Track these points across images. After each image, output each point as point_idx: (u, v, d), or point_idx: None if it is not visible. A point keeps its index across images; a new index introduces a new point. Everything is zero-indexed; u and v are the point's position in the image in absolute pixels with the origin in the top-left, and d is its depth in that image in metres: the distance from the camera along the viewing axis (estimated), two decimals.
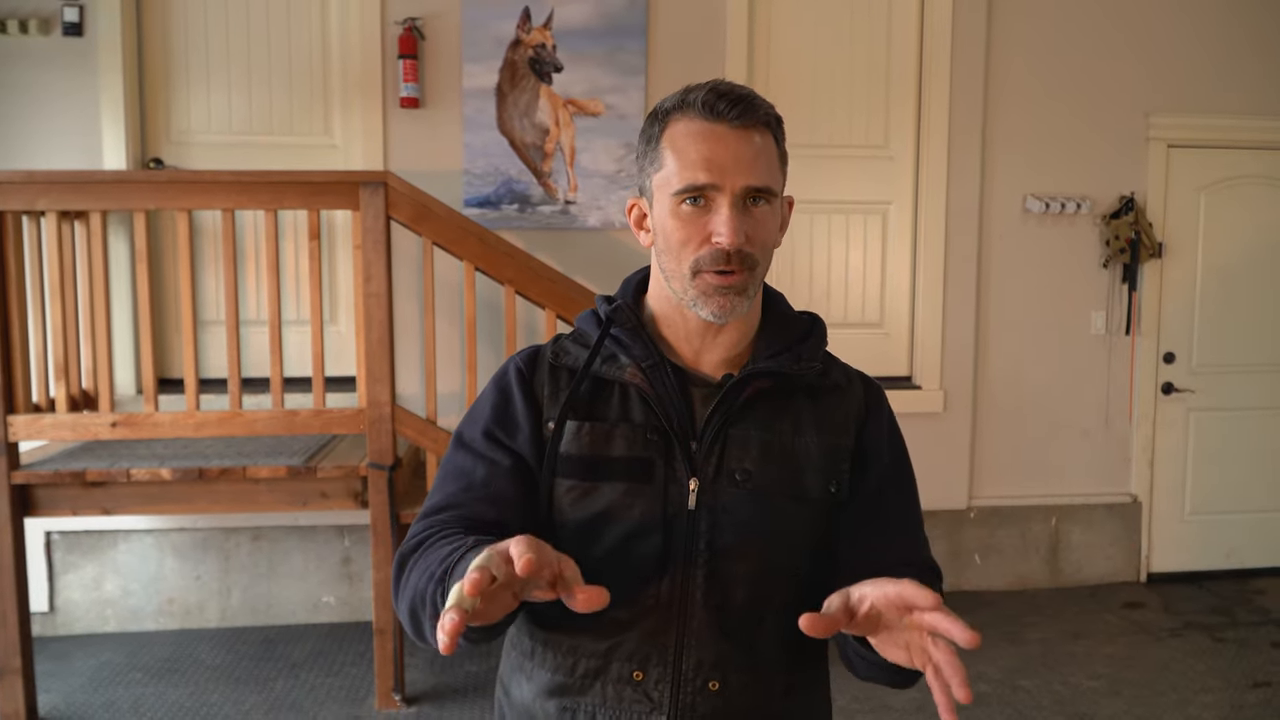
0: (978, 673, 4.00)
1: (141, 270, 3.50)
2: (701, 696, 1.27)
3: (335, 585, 4.48)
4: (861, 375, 1.44)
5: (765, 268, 1.31)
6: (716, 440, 1.29)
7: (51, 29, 4.14)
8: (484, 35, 4.36)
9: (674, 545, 1.28)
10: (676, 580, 1.28)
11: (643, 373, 1.31)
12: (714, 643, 1.28)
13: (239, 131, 4.40)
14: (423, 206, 3.55)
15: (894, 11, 4.71)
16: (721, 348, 1.35)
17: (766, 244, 1.29)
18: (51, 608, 4.34)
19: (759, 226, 1.27)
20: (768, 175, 1.26)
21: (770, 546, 1.30)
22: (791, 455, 1.31)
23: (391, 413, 3.56)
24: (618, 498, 1.28)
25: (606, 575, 1.22)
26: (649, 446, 1.30)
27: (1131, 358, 4.94)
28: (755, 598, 1.29)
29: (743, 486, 1.29)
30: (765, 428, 1.31)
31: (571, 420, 1.31)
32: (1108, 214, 4.83)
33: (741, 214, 1.25)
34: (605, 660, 1.29)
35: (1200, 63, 4.85)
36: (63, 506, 3.54)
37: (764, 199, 1.27)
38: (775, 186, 1.28)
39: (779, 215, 1.32)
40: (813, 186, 4.70)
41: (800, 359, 1.34)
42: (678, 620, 1.28)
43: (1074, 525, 4.98)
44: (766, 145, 1.27)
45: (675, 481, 1.29)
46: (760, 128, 1.27)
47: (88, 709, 3.67)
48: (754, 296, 1.31)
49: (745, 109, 1.25)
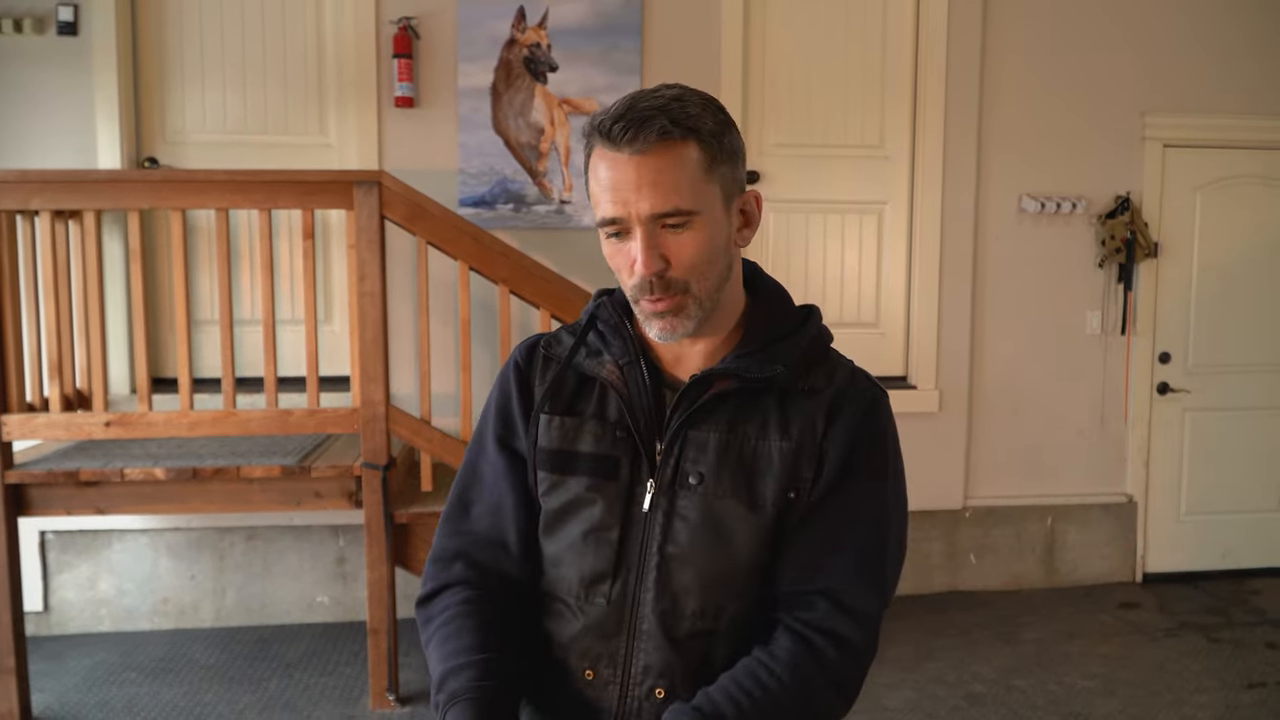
0: (973, 672, 4.00)
1: (135, 269, 3.50)
2: (648, 703, 1.27)
3: (329, 585, 4.47)
4: (853, 377, 1.34)
5: (709, 284, 1.25)
6: (675, 441, 1.28)
7: (46, 28, 4.13)
8: (479, 34, 4.35)
9: (629, 546, 1.28)
10: (629, 582, 1.28)
11: (619, 370, 1.31)
12: (661, 649, 1.26)
13: (234, 131, 4.39)
14: (417, 206, 3.55)
15: (889, 10, 4.71)
16: (699, 352, 1.32)
17: (694, 264, 1.23)
18: (46, 607, 4.34)
19: (681, 249, 1.22)
20: (675, 197, 1.19)
21: (720, 554, 1.26)
22: (751, 460, 1.27)
23: (386, 412, 3.55)
24: (581, 493, 1.30)
25: (568, 568, 1.30)
26: (617, 444, 1.30)
27: (1127, 357, 4.94)
28: (706, 607, 1.26)
29: (695, 490, 1.27)
30: (728, 430, 1.28)
31: (546, 414, 1.34)
32: (1103, 214, 4.83)
33: (655, 241, 1.21)
34: (565, 653, 1.32)
35: (1196, 62, 4.85)
36: (56, 506, 3.53)
37: (679, 222, 1.21)
38: (688, 205, 1.20)
39: (710, 231, 1.23)
40: (808, 186, 4.70)
41: (768, 361, 1.28)
42: (628, 623, 1.27)
43: (1069, 525, 4.98)
44: (675, 162, 1.19)
45: (639, 482, 1.29)
46: (663, 146, 1.19)
47: (82, 709, 3.66)
48: (701, 314, 1.26)
49: (639, 130, 1.18)
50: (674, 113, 1.20)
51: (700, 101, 1.23)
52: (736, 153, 1.26)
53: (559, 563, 1.32)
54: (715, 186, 1.23)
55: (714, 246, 1.24)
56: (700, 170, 1.21)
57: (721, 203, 1.25)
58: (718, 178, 1.23)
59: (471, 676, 1.23)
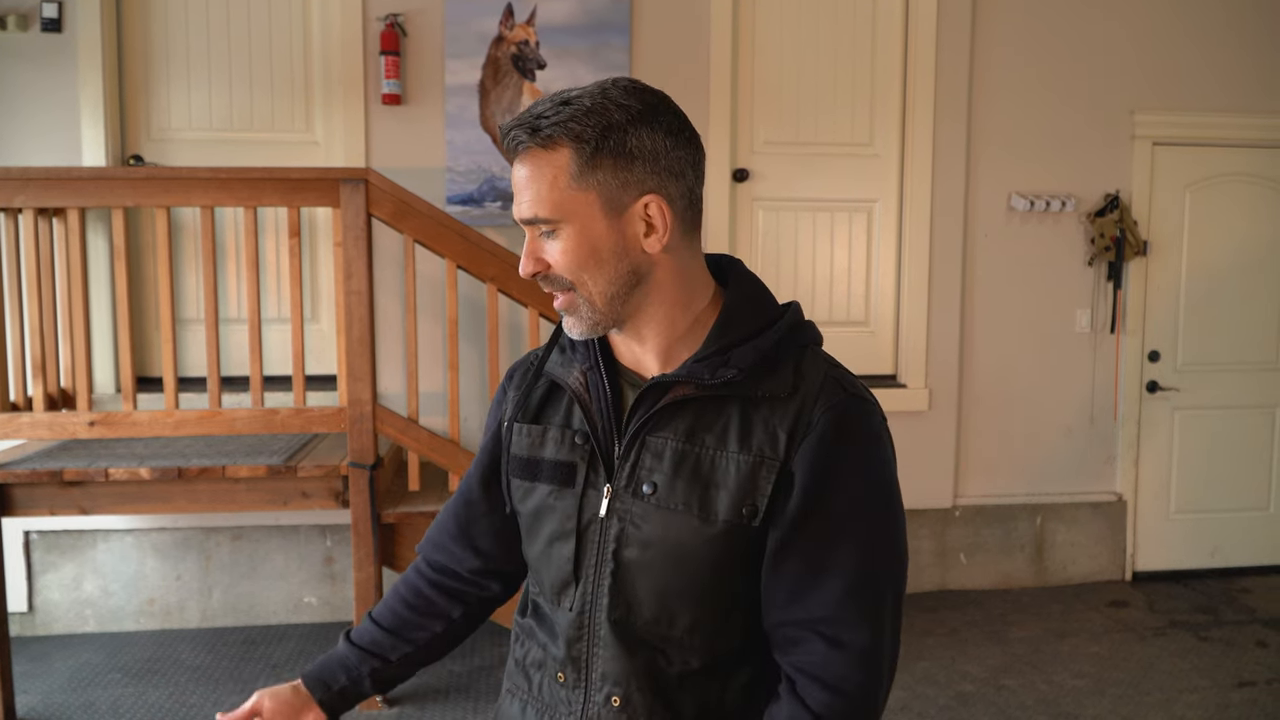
0: (962, 672, 3.99)
1: (120, 268, 3.47)
2: (606, 709, 1.26)
3: (317, 585, 4.45)
4: (825, 383, 1.23)
5: (602, 288, 1.22)
6: (632, 447, 1.25)
7: (30, 25, 4.10)
8: (466, 31, 4.33)
9: (586, 552, 1.28)
10: (588, 589, 1.27)
11: (583, 376, 1.31)
12: (617, 658, 1.25)
13: (219, 128, 4.37)
14: (404, 203, 3.52)
15: (878, 8, 4.70)
16: (652, 352, 1.28)
17: (570, 266, 1.20)
18: (30, 608, 4.30)
19: (553, 255, 1.22)
20: (536, 206, 1.19)
21: (674, 566, 1.22)
22: (707, 471, 1.22)
23: (373, 411, 3.53)
24: (545, 499, 1.32)
25: (544, 573, 1.34)
26: (574, 450, 1.30)
27: (1116, 356, 4.94)
28: (660, 617, 1.24)
29: (649, 500, 1.23)
30: (686, 437, 1.23)
31: (519, 422, 1.37)
32: (1093, 212, 4.83)
33: (536, 245, 1.23)
34: (544, 655, 1.34)
35: (1186, 60, 4.85)
36: (40, 506, 3.51)
37: (547, 230, 1.20)
38: (546, 214, 1.19)
39: (582, 239, 1.19)
40: (797, 184, 4.70)
41: (724, 364, 1.21)
42: (588, 629, 1.27)
43: (1059, 524, 4.98)
44: (538, 171, 1.18)
45: (595, 487, 1.28)
46: (536, 151, 1.18)
47: (66, 710, 3.64)
48: (597, 315, 1.23)
49: (516, 136, 1.19)
50: (548, 119, 1.17)
51: (596, 104, 1.18)
52: (634, 156, 1.19)
53: (537, 568, 1.35)
54: (591, 194, 1.18)
55: (592, 253, 1.20)
56: (568, 178, 1.18)
57: (601, 209, 1.19)
58: (594, 184, 1.18)
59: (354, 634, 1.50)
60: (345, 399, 3.53)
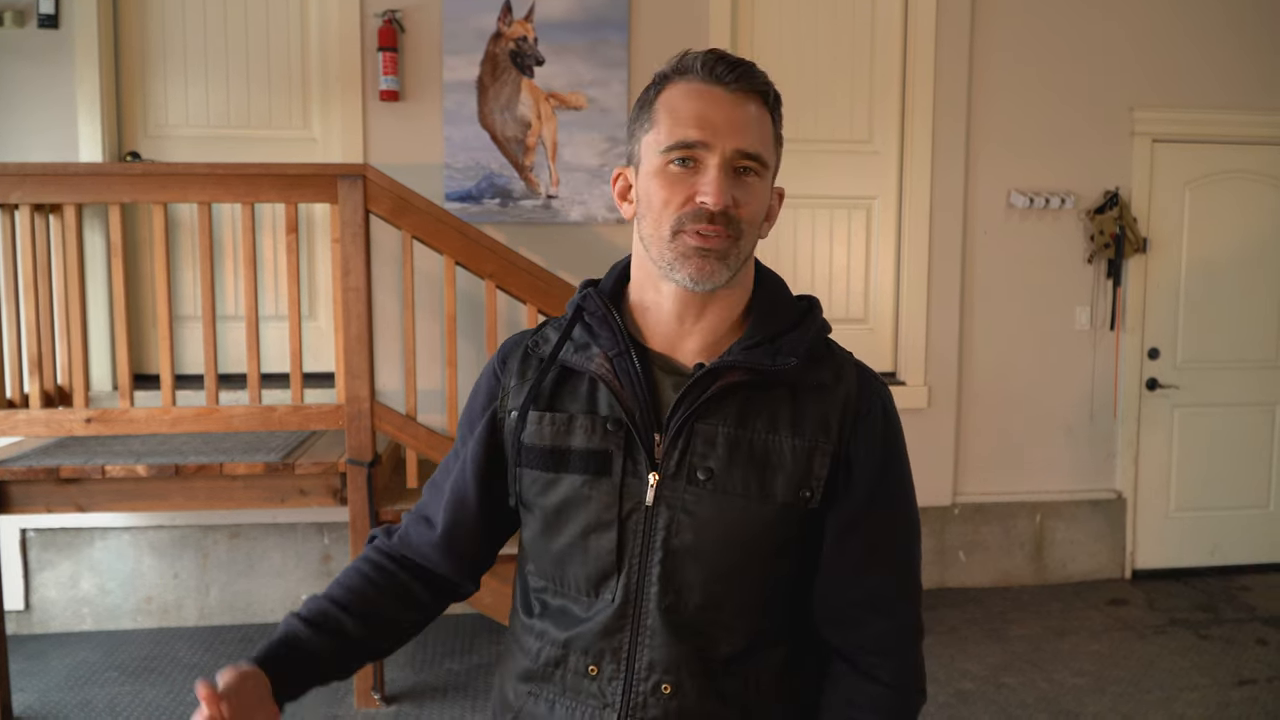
0: (962, 670, 3.98)
1: (117, 264, 3.46)
2: (654, 698, 1.25)
3: (315, 583, 4.43)
4: (861, 372, 1.32)
5: (751, 243, 1.26)
6: (680, 434, 1.24)
7: (27, 20, 4.09)
8: (464, 28, 4.32)
9: (629, 541, 1.25)
10: (632, 578, 1.25)
11: (609, 361, 1.28)
12: (667, 645, 1.24)
13: (217, 125, 4.35)
14: (402, 200, 3.51)
15: (878, 4, 4.69)
16: (700, 334, 1.29)
17: (754, 216, 1.25)
18: (27, 606, 4.29)
19: (748, 195, 1.23)
20: (760, 144, 1.23)
21: (730, 550, 1.24)
22: (763, 455, 1.24)
23: (371, 408, 3.52)
24: (576, 490, 1.27)
25: (569, 567, 1.29)
26: (607, 438, 1.26)
27: (1116, 353, 4.93)
28: (712, 602, 1.25)
29: (705, 485, 1.23)
30: (737, 424, 1.25)
31: (534, 410, 1.31)
32: (1092, 209, 4.82)
33: (730, 178, 1.22)
34: (565, 650, 1.29)
35: (1185, 57, 4.84)
36: (37, 503, 3.50)
37: (754, 170, 1.23)
38: (767, 157, 1.24)
39: (768, 192, 1.28)
40: (797, 181, 4.67)
41: (779, 353, 1.25)
42: (632, 619, 1.25)
43: (1059, 522, 4.97)
44: (762, 117, 1.24)
45: (635, 475, 1.25)
46: (757, 98, 1.24)
47: (63, 708, 3.62)
48: (735, 269, 1.25)
49: (744, 74, 1.23)
50: (770, 85, 1.26)
51: None
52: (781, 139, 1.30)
53: (563, 561, 1.29)
54: (774, 155, 1.28)
55: (762, 208, 1.27)
56: (772, 139, 1.27)
57: (772, 178, 1.29)
58: (775, 151, 1.28)
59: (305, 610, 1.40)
60: (343, 396, 3.51)
